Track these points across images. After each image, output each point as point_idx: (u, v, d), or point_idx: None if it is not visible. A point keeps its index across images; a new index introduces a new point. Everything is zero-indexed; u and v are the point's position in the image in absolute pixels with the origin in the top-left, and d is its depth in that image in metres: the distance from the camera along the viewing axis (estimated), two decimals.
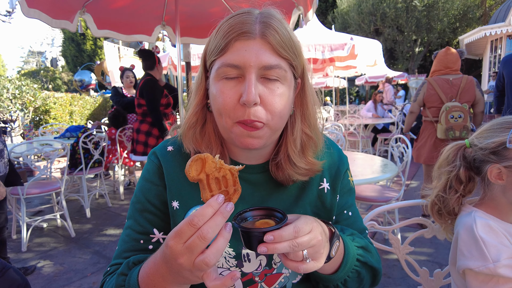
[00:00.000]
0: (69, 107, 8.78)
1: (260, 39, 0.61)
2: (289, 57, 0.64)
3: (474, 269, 0.82)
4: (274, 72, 0.62)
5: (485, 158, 0.89)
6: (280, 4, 0.69)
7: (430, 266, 2.56)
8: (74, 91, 14.64)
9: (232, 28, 0.62)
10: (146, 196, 0.76)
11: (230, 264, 0.73)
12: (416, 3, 15.46)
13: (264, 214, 0.61)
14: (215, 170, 0.53)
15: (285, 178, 0.74)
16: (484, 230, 0.85)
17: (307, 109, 0.73)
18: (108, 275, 0.72)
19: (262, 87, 0.62)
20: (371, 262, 0.73)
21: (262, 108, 0.62)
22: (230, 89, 0.63)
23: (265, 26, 0.62)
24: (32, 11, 2.38)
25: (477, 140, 0.92)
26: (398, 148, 2.97)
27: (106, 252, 3.00)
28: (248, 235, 0.54)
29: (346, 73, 8.79)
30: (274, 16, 0.65)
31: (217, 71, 0.64)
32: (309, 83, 0.73)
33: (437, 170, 0.99)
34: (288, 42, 0.64)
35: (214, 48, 0.64)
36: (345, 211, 0.83)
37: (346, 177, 0.84)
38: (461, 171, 0.93)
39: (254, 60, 0.60)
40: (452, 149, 0.97)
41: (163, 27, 3.53)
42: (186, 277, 0.53)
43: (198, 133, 0.72)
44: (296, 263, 0.56)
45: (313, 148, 0.76)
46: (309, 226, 0.56)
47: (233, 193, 0.55)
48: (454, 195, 0.94)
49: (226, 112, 0.63)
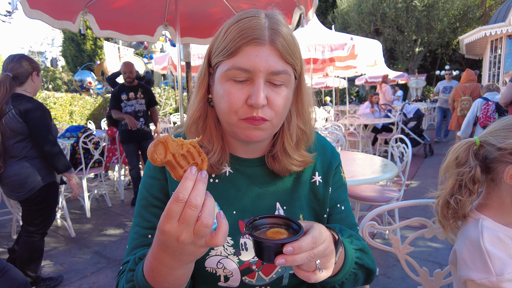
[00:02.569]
0: (69, 107, 8.79)
1: (269, 45, 0.65)
2: (293, 62, 0.68)
3: (476, 280, 0.81)
4: (280, 77, 0.66)
5: (502, 158, 0.86)
6: (281, 4, 0.70)
7: (430, 266, 2.56)
8: (74, 91, 14.63)
9: (244, 33, 0.64)
10: (149, 191, 0.78)
11: (228, 252, 0.74)
12: (416, 3, 15.47)
13: (275, 223, 0.60)
14: (178, 148, 0.53)
15: (281, 169, 0.78)
16: (492, 241, 0.83)
17: (302, 106, 0.78)
18: (121, 274, 0.74)
19: (268, 90, 0.66)
20: (368, 264, 0.75)
21: (268, 108, 0.67)
22: (238, 90, 0.66)
23: (274, 33, 0.65)
24: (34, 12, 2.38)
25: (494, 138, 0.88)
26: (398, 148, 2.97)
27: (106, 252, 3.00)
28: (265, 246, 0.53)
29: (346, 73, 8.79)
30: (281, 22, 0.68)
31: (226, 72, 0.66)
32: (305, 81, 0.78)
33: (451, 170, 0.95)
34: (293, 48, 0.68)
35: (223, 50, 0.67)
36: (338, 205, 0.85)
37: (338, 172, 0.88)
38: (477, 171, 0.89)
39: (263, 65, 0.64)
40: (462, 148, 0.93)
41: (165, 27, 3.53)
42: (191, 252, 0.53)
43: (201, 128, 0.76)
44: (308, 273, 0.56)
45: (306, 142, 0.81)
46: (323, 236, 0.56)
47: (202, 163, 0.55)
48: (470, 197, 0.91)
49: (232, 111, 0.67)
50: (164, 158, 0.52)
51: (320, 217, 0.84)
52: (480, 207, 0.94)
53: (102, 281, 2.51)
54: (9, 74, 2.16)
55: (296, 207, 0.80)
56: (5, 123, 2.10)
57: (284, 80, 0.67)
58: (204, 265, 0.74)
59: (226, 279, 0.75)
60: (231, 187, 0.79)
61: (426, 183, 4.92)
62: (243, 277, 0.75)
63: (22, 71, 2.20)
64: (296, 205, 0.80)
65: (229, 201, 0.78)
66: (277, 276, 0.77)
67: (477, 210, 0.94)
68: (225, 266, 0.74)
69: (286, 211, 0.80)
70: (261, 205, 0.79)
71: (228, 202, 0.78)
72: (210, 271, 0.74)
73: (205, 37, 3.71)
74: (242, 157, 0.80)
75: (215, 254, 0.74)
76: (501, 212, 0.89)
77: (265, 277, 0.76)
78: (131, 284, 0.65)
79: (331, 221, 0.85)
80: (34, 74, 2.27)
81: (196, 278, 0.76)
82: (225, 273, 0.74)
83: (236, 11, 3.33)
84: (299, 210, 0.80)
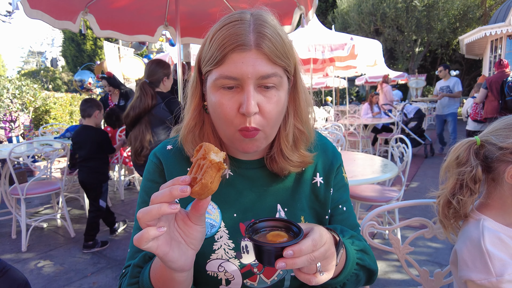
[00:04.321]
0: (69, 107, 8.79)
1: (255, 50, 0.62)
2: (283, 63, 0.66)
3: (476, 281, 0.81)
4: (270, 80, 0.64)
5: (503, 157, 0.86)
6: (282, 4, 0.69)
7: (430, 266, 2.56)
8: (74, 91, 14.63)
9: (227, 40, 0.62)
10: (149, 194, 0.78)
11: (230, 255, 0.74)
12: (416, 3, 15.46)
13: (275, 226, 0.60)
14: (201, 158, 0.54)
15: (280, 170, 0.77)
16: (493, 242, 0.83)
17: (299, 105, 0.76)
18: (123, 277, 0.74)
19: (259, 96, 0.65)
20: (369, 265, 0.75)
21: (259, 116, 0.65)
22: (229, 99, 0.65)
23: (259, 36, 0.63)
24: (35, 12, 2.37)
25: (495, 138, 0.88)
26: (398, 148, 2.97)
27: (106, 252, 3.00)
28: (265, 249, 0.53)
29: (346, 73, 8.79)
30: (266, 22, 0.65)
31: (215, 81, 0.65)
32: (301, 80, 0.75)
33: (445, 169, 0.95)
34: (281, 49, 0.65)
35: (210, 59, 0.65)
36: (340, 206, 0.85)
37: (340, 172, 0.87)
38: (478, 170, 0.89)
39: (251, 71, 0.62)
40: (463, 148, 0.93)
41: (165, 27, 3.53)
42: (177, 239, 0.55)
43: (197, 135, 0.75)
44: (309, 276, 0.56)
45: (305, 142, 0.80)
46: (324, 238, 0.56)
47: (196, 181, 0.52)
48: (471, 197, 0.91)
49: (227, 122, 0.66)
50: (194, 157, 0.56)
51: (321, 218, 0.83)
52: (481, 207, 0.94)
53: (102, 281, 2.51)
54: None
55: (297, 208, 0.80)
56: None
57: (275, 83, 0.65)
58: (205, 268, 0.74)
59: (228, 282, 0.74)
60: (231, 189, 0.78)
61: (426, 183, 4.92)
62: (245, 280, 0.75)
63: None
64: (297, 206, 0.80)
65: (229, 203, 0.77)
66: (279, 279, 0.77)
67: (478, 210, 0.93)
68: (226, 270, 0.74)
69: (287, 213, 0.79)
70: (261, 207, 0.78)
71: (229, 204, 0.77)
72: (212, 275, 0.74)
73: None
74: (241, 159, 0.80)
75: (216, 258, 0.74)
76: (502, 212, 0.89)
77: (267, 280, 0.76)
78: (135, 280, 0.65)
79: (333, 222, 0.84)
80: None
81: (198, 282, 0.76)
82: (227, 276, 0.74)
83: (236, 10, 3.32)
84: (300, 212, 0.80)
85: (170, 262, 0.53)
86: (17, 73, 29.71)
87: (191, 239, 0.56)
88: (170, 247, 0.53)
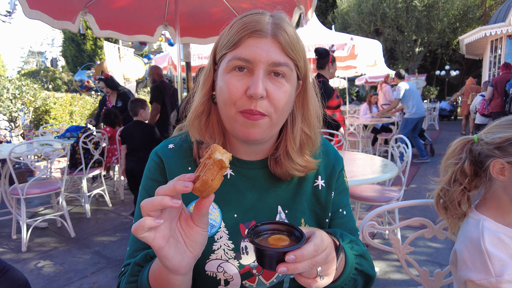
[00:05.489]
0: (69, 107, 8.78)
1: (271, 38, 0.66)
2: (295, 57, 0.68)
3: (476, 281, 0.81)
4: (281, 68, 0.66)
5: (489, 152, 0.88)
6: (281, 4, 0.70)
7: (430, 266, 2.56)
8: (74, 91, 14.63)
9: (246, 26, 0.66)
10: (149, 193, 0.78)
11: (229, 256, 0.74)
12: (416, 3, 15.46)
13: (277, 229, 0.60)
14: (207, 158, 0.55)
15: (283, 173, 0.77)
16: (492, 242, 0.83)
17: (308, 110, 0.77)
18: (122, 276, 0.74)
19: (268, 82, 0.66)
20: (367, 270, 0.75)
21: (267, 102, 0.66)
22: (238, 81, 0.66)
23: (277, 27, 0.67)
24: (34, 12, 2.37)
25: (485, 135, 0.91)
26: (398, 148, 2.97)
27: (106, 252, 3.00)
28: (266, 254, 0.52)
29: (346, 73, 8.80)
30: (285, 20, 0.69)
31: (228, 63, 0.67)
32: (311, 87, 0.77)
33: (444, 163, 0.99)
34: (296, 44, 0.68)
35: (227, 43, 0.68)
36: (340, 210, 0.85)
37: (341, 176, 0.87)
38: (466, 164, 0.92)
39: (264, 56, 0.65)
40: (460, 143, 0.97)
41: (165, 27, 3.53)
42: (175, 236, 0.55)
43: (203, 123, 0.76)
44: (309, 280, 0.56)
45: (311, 147, 0.80)
46: (325, 243, 0.56)
47: (198, 178, 0.53)
48: (458, 188, 0.93)
49: (231, 102, 0.67)
50: (202, 159, 0.57)
51: (322, 221, 0.83)
52: (479, 207, 0.94)
53: (102, 281, 2.51)
54: None
55: (298, 211, 0.80)
56: None
57: (285, 72, 0.67)
58: (204, 269, 0.74)
59: (227, 283, 0.74)
60: (232, 189, 0.78)
61: (426, 183, 4.91)
62: (244, 281, 0.75)
63: None
64: (298, 209, 0.80)
65: (230, 204, 0.77)
66: (278, 281, 0.77)
67: (477, 210, 0.94)
68: (225, 270, 0.73)
69: (287, 215, 0.79)
70: (262, 208, 0.78)
71: (229, 205, 0.77)
72: (210, 275, 0.74)
73: (205, 37, 3.70)
74: (244, 159, 0.80)
75: (216, 258, 0.74)
76: (500, 211, 0.89)
77: (266, 281, 0.76)
78: (134, 279, 0.65)
79: (333, 225, 0.84)
80: None
81: (197, 282, 0.76)
82: (226, 277, 0.74)
83: (236, 11, 3.33)
84: (300, 214, 0.80)
85: (165, 258, 0.53)
86: (17, 73, 29.72)
87: (191, 241, 0.56)
88: (167, 242, 0.53)
